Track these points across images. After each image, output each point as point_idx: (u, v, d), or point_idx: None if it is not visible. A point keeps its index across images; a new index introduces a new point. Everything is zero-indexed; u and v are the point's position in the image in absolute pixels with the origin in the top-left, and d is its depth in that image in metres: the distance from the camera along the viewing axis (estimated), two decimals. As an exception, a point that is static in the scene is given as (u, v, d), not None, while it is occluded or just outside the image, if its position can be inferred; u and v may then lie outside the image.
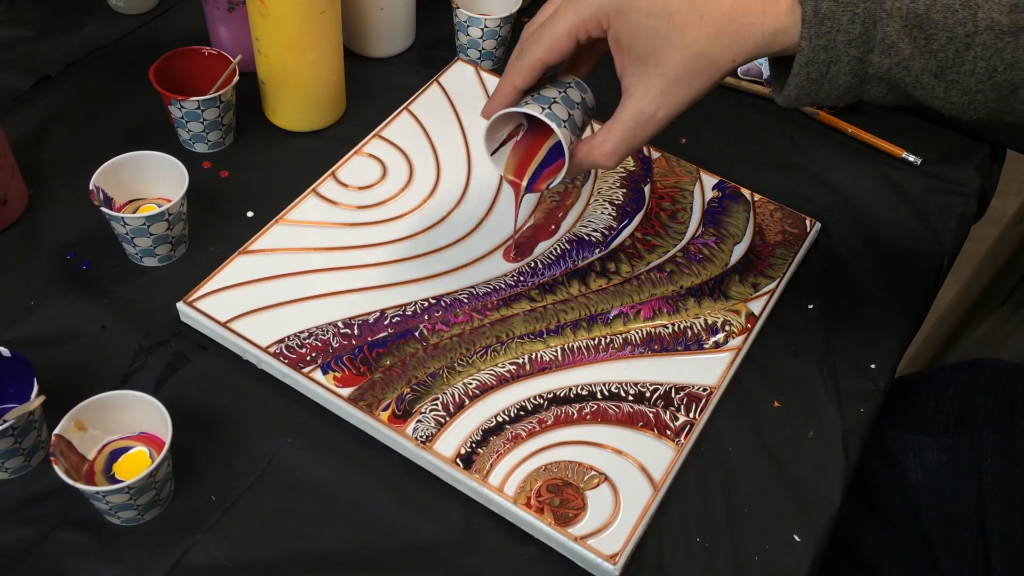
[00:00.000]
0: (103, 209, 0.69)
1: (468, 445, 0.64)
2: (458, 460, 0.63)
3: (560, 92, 0.64)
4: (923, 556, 0.73)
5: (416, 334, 0.69)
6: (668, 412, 0.67)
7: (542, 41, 0.60)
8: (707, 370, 0.69)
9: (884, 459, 0.74)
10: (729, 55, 0.57)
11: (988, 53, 0.53)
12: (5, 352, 0.61)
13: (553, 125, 0.61)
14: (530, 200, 0.79)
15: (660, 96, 0.58)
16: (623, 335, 0.71)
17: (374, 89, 0.89)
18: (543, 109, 0.62)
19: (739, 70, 0.95)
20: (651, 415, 0.66)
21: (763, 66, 0.94)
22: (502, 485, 0.62)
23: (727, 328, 0.72)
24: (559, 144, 0.64)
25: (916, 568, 0.74)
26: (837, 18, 0.54)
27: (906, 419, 0.74)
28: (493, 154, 0.67)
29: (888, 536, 0.75)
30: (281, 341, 0.68)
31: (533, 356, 0.69)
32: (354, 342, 0.68)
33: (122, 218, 0.69)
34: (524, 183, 0.66)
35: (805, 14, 0.54)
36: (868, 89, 0.57)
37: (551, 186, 0.65)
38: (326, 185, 0.78)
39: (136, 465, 0.61)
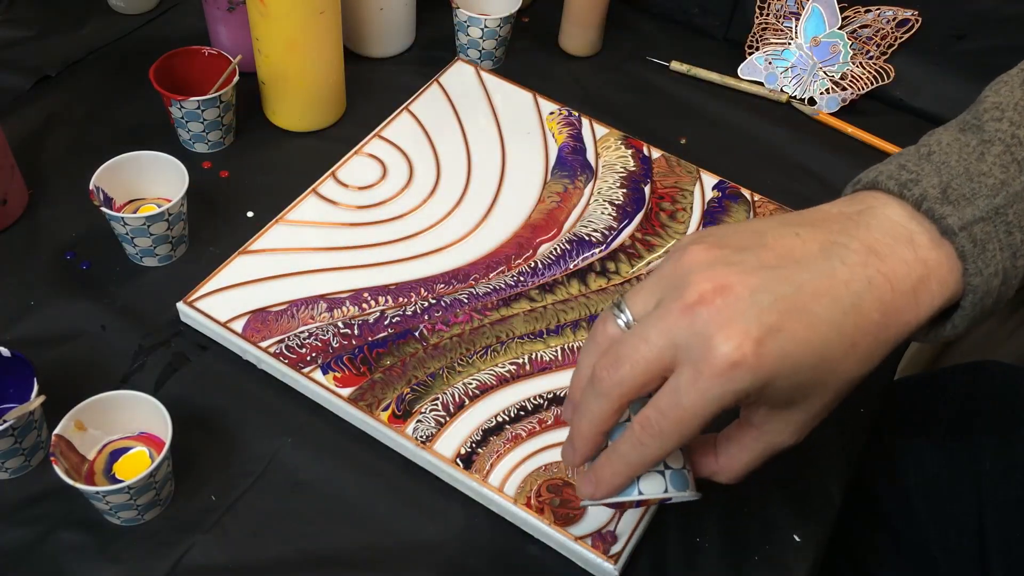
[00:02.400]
0: (103, 209, 0.69)
1: (468, 445, 0.64)
2: (458, 460, 0.63)
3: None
4: (922, 561, 0.73)
5: (416, 334, 0.69)
6: (668, 412, 0.67)
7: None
8: (707, 370, 0.69)
9: (883, 463, 0.74)
10: (871, 366, 0.47)
11: None
12: (5, 352, 0.61)
13: (681, 496, 0.52)
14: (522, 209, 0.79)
15: (797, 431, 0.49)
16: (623, 335, 0.71)
17: (374, 89, 0.89)
18: (662, 477, 0.51)
19: (739, 70, 0.95)
20: (651, 415, 0.66)
21: (761, 67, 0.94)
22: (502, 485, 0.62)
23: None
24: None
25: (915, 573, 0.74)
26: (995, 237, 0.46)
27: (905, 423, 0.74)
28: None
29: (887, 541, 0.75)
30: (281, 341, 0.68)
31: (533, 356, 0.69)
32: (354, 342, 0.68)
33: (122, 218, 0.69)
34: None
35: (963, 248, 0.46)
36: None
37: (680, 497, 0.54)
38: (326, 185, 0.78)
39: (136, 465, 0.61)
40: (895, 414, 0.74)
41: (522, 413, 0.66)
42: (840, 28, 0.92)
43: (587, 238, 0.77)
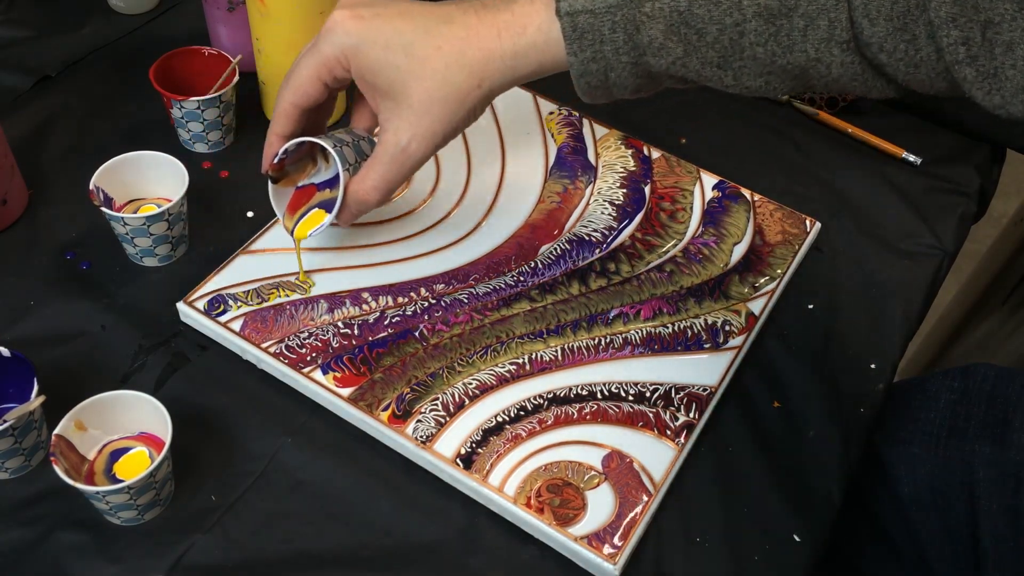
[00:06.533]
0: (103, 209, 0.69)
1: (468, 445, 0.64)
2: (458, 460, 0.63)
3: (353, 140, 0.66)
4: (918, 569, 0.72)
5: (416, 334, 0.69)
6: (668, 412, 0.67)
7: (290, 86, 0.62)
8: (707, 370, 0.69)
9: (876, 473, 0.73)
10: (474, 81, 0.58)
11: (763, 39, 0.53)
12: (5, 352, 0.61)
13: (327, 144, 0.63)
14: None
15: (410, 128, 0.59)
16: (623, 335, 0.71)
17: (374, 89, 0.89)
18: (333, 142, 0.64)
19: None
20: (651, 415, 0.66)
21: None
22: (502, 485, 0.62)
23: (727, 328, 0.72)
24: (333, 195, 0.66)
25: None
26: (597, 29, 0.54)
27: (897, 431, 0.73)
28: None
29: (882, 550, 0.75)
30: (281, 341, 0.68)
31: (533, 356, 0.69)
32: (354, 342, 0.68)
33: (122, 218, 0.69)
34: (297, 215, 0.70)
35: (564, 30, 0.55)
36: (663, 82, 0.57)
37: (319, 229, 0.68)
38: (326, 185, 0.78)
39: (136, 465, 0.61)
40: (887, 423, 0.74)
41: (522, 413, 0.66)
42: (840, 28, 0.91)
43: (587, 238, 0.77)
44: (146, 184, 0.74)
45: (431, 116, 0.59)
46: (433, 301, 0.72)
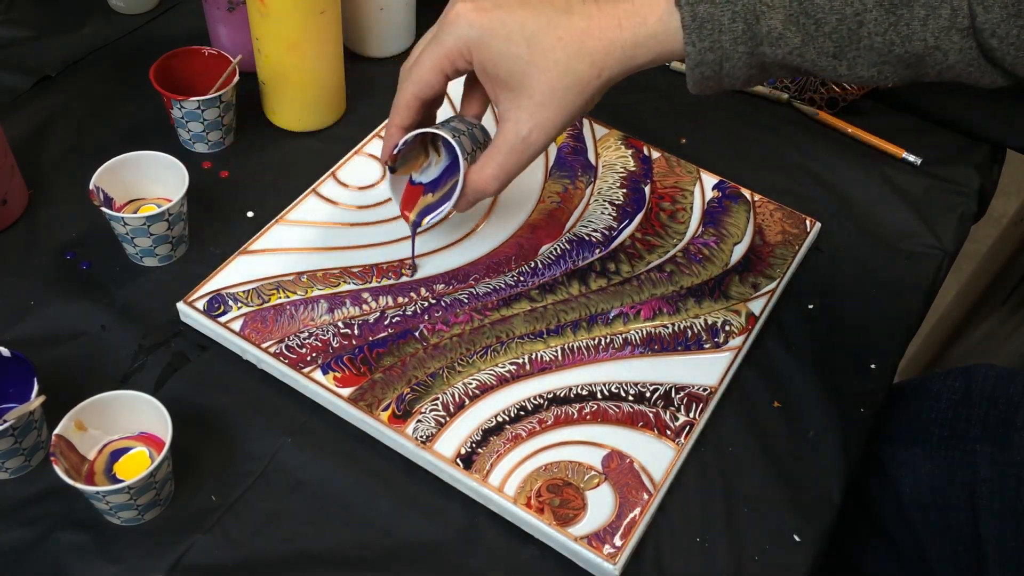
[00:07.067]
0: (103, 209, 0.69)
1: (468, 445, 0.64)
2: (458, 460, 0.63)
3: (467, 128, 0.66)
4: (918, 569, 0.72)
5: (416, 334, 0.69)
6: (668, 412, 0.67)
7: (411, 78, 0.63)
8: (707, 370, 0.69)
9: (877, 473, 0.73)
10: (594, 71, 0.58)
11: (882, 28, 0.53)
12: (5, 352, 0.61)
13: (446, 134, 0.64)
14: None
15: (531, 119, 0.60)
16: (623, 335, 0.71)
17: (374, 89, 0.89)
18: (451, 132, 0.64)
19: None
20: (651, 415, 0.66)
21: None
22: (502, 485, 0.62)
23: (727, 328, 0.72)
24: (452, 184, 0.66)
25: None
26: (717, 19, 0.55)
27: (898, 432, 0.73)
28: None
29: (884, 550, 0.75)
30: (281, 341, 0.68)
31: (533, 356, 0.69)
32: (354, 342, 0.68)
33: (122, 218, 0.69)
34: (413, 216, 0.70)
35: (684, 20, 0.55)
36: (773, 73, 0.58)
37: (438, 216, 0.68)
38: (326, 185, 0.78)
39: (136, 465, 0.61)
40: (888, 424, 0.74)
41: (522, 413, 0.66)
42: (840, 28, 0.91)
43: (587, 238, 0.77)
44: (146, 184, 0.74)
45: (552, 106, 0.59)
46: (433, 301, 0.72)
